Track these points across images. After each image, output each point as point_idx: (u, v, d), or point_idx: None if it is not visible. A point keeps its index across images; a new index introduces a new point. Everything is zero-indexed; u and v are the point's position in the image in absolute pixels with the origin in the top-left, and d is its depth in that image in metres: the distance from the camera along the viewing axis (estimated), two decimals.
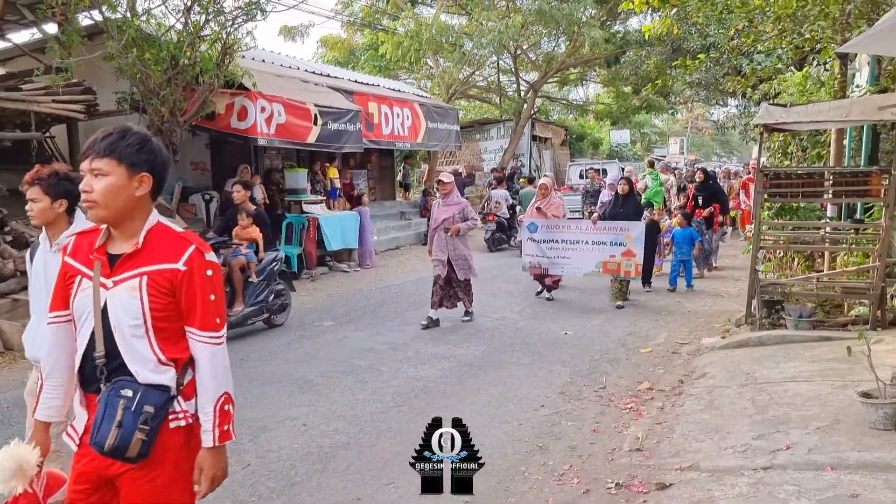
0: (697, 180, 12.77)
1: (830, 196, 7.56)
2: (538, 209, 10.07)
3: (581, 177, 23.98)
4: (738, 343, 6.99)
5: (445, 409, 5.52)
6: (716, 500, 3.68)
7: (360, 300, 10.31)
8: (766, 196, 7.39)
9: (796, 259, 8.49)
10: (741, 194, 16.33)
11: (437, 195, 9.07)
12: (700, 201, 12.18)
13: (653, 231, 10.54)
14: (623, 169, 21.73)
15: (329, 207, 13.83)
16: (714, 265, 12.55)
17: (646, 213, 10.78)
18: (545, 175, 12.98)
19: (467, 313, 8.66)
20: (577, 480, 4.21)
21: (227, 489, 4.18)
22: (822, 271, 7.88)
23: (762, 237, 7.65)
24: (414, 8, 23.67)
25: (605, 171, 21.87)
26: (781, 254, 8.56)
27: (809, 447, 4.12)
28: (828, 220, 8.39)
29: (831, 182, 7.30)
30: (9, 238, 8.78)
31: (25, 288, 8.23)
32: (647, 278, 10.54)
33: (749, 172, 16.57)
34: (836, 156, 8.42)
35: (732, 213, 15.58)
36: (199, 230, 11.09)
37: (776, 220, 8.32)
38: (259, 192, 12.63)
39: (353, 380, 6.29)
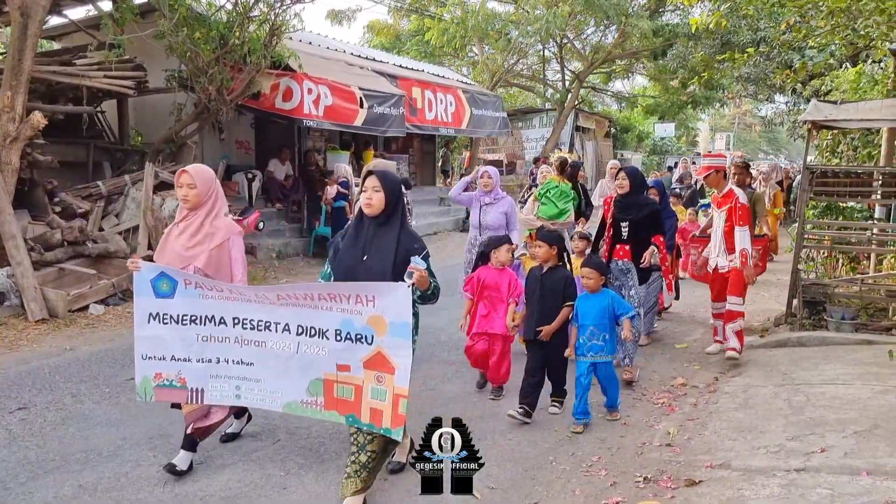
0: (617, 191, 6.41)
1: (879, 196, 7.38)
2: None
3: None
4: (776, 342, 6.87)
5: (477, 395, 5.56)
6: (746, 500, 3.64)
7: None
8: (811, 194, 7.24)
9: (841, 260, 8.30)
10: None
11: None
12: (623, 231, 6.22)
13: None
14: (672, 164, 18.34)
15: None
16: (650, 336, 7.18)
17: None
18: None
19: None
20: (604, 472, 4.20)
21: (257, 463, 4.28)
22: (868, 273, 7.70)
23: (806, 236, 7.50)
24: None
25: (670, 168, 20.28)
26: (825, 254, 8.39)
27: (845, 451, 4.05)
28: (875, 221, 8.19)
29: (881, 182, 7.12)
30: (58, 209, 9.04)
31: (73, 257, 8.48)
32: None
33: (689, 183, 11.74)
34: (887, 156, 8.20)
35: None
36: (241, 208, 11.27)
37: (821, 220, 8.15)
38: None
39: None
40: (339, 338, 3.53)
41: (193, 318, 3.83)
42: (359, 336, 3.48)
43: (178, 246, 3.97)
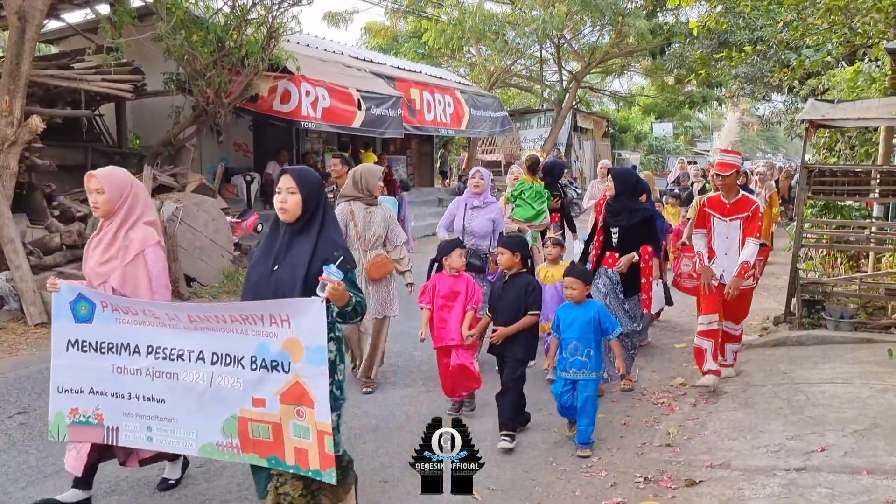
0: (607, 194, 5.97)
1: (877, 195, 7.38)
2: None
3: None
4: (775, 342, 6.87)
5: (477, 395, 5.55)
6: (746, 500, 3.65)
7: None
8: (809, 193, 7.25)
9: (839, 259, 8.31)
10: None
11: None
12: (613, 238, 5.72)
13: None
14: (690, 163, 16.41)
15: None
16: (632, 379, 5.91)
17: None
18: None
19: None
20: (605, 473, 4.20)
21: None
22: (866, 272, 7.70)
23: (804, 235, 7.51)
24: None
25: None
26: (824, 253, 8.39)
27: (845, 450, 4.06)
28: (873, 220, 8.19)
29: (879, 181, 7.12)
30: (56, 213, 9.02)
31: (71, 261, 8.48)
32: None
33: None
34: (884, 154, 8.21)
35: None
36: (239, 210, 11.27)
37: (819, 219, 8.16)
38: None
39: (385, 363, 6.34)
40: (254, 366, 3.01)
41: (111, 345, 3.32)
42: (274, 363, 2.97)
43: (92, 261, 3.58)
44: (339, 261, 2.98)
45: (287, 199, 3.11)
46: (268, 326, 2.95)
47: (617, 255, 5.62)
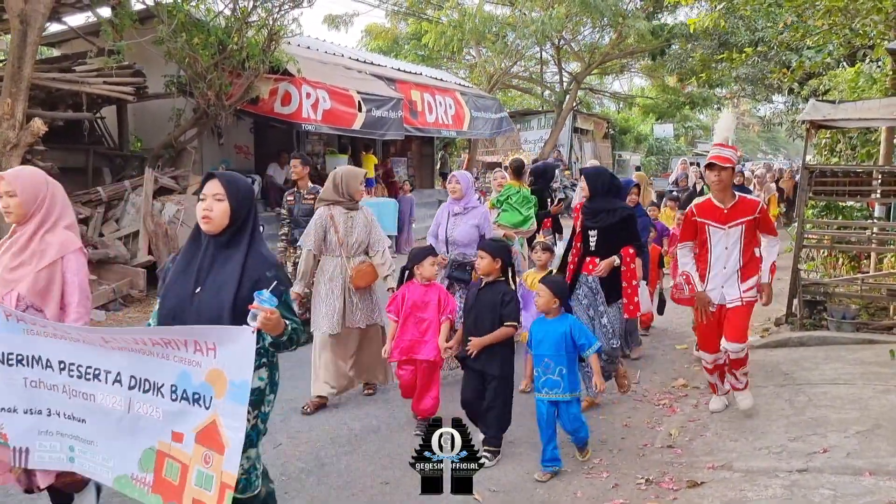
0: (583, 196, 5.57)
1: (878, 195, 7.38)
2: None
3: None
4: (777, 343, 6.87)
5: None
6: (748, 501, 3.65)
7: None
8: (811, 194, 7.25)
9: (841, 259, 8.30)
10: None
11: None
12: (591, 241, 5.29)
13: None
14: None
15: (368, 195, 13.96)
16: (627, 384, 5.56)
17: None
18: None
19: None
20: (606, 474, 4.20)
21: None
22: (868, 272, 7.70)
23: (806, 236, 7.50)
24: None
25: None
26: (825, 254, 8.39)
27: (847, 451, 4.06)
28: (875, 221, 8.19)
29: (880, 181, 7.12)
30: None
31: None
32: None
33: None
34: (885, 155, 8.21)
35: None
36: None
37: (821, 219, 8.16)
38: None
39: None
40: (174, 396, 2.64)
41: (20, 357, 2.91)
42: (196, 396, 2.60)
43: (0, 267, 3.18)
44: (272, 285, 2.59)
45: (213, 207, 2.71)
46: (191, 354, 2.59)
47: (596, 259, 5.20)
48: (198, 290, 2.70)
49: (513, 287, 4.51)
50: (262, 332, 2.59)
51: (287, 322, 2.67)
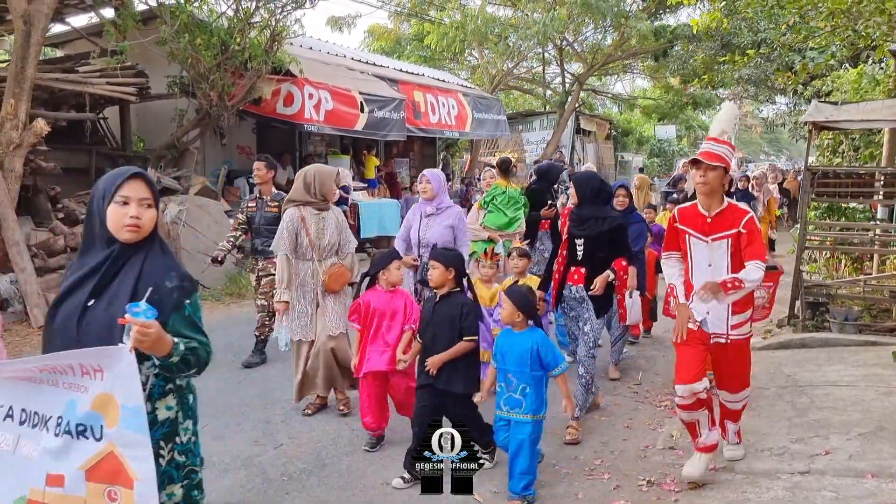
0: (571, 202, 5.43)
1: (881, 197, 7.37)
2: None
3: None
4: (779, 344, 6.86)
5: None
6: (750, 503, 3.64)
7: None
8: (813, 195, 7.24)
9: (843, 261, 8.29)
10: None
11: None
12: (578, 250, 4.96)
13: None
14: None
15: (370, 196, 13.97)
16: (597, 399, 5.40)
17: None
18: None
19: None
20: (607, 476, 4.20)
21: (259, 468, 4.28)
22: (871, 274, 7.69)
23: (808, 237, 7.49)
24: None
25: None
26: (828, 255, 8.37)
27: (850, 453, 4.05)
28: (878, 222, 8.18)
29: (883, 183, 7.11)
30: (61, 215, 9.05)
31: None
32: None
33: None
34: (888, 156, 8.19)
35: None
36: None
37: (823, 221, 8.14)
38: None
39: None
40: (57, 430, 2.23)
41: None
42: (81, 428, 2.21)
43: None
44: (147, 293, 2.21)
45: (142, 215, 2.33)
46: (79, 378, 2.23)
47: (582, 269, 4.86)
48: (90, 302, 2.30)
49: (470, 297, 4.17)
50: (156, 357, 2.23)
51: (178, 340, 2.26)
